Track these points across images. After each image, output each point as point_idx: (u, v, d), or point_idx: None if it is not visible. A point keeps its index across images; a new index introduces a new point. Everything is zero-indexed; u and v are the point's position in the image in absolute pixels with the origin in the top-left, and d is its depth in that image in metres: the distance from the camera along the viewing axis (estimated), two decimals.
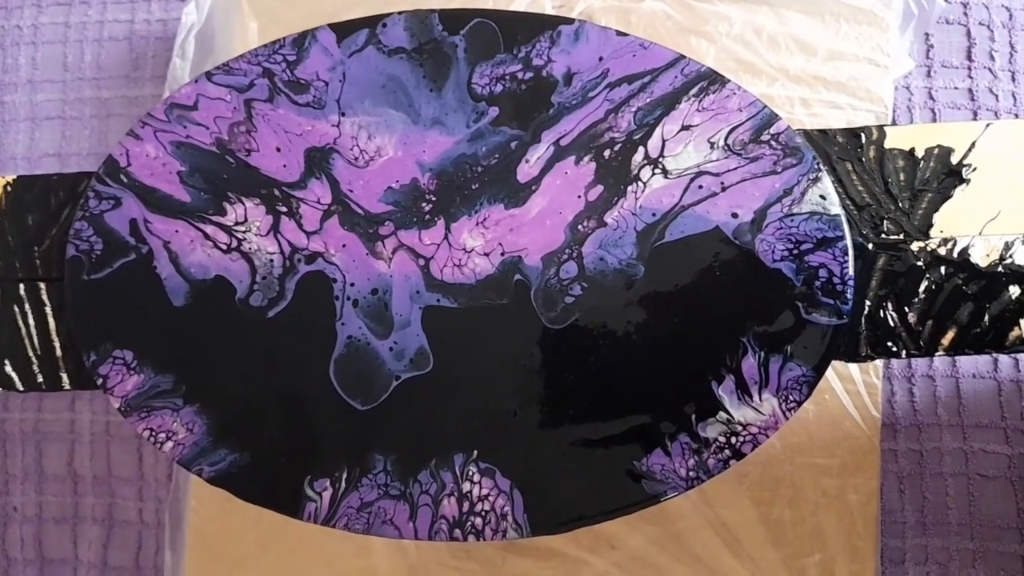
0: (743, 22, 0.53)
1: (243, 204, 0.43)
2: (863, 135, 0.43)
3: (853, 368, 0.52)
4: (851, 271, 0.40)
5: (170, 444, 0.42)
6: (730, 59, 0.54)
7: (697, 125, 0.41)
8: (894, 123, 0.59)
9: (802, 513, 0.52)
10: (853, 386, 0.51)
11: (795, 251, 0.40)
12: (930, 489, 0.58)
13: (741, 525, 0.51)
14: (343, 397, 0.42)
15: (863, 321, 0.42)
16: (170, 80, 0.57)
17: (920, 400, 0.57)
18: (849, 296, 0.39)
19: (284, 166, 0.43)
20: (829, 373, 0.50)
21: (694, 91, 0.41)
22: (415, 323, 0.42)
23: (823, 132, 0.43)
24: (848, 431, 0.51)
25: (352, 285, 0.42)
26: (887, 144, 0.43)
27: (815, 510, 0.51)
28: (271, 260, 0.43)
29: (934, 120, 0.61)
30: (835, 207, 0.40)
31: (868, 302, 0.42)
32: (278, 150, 0.43)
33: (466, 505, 0.41)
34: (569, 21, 0.42)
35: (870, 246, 0.42)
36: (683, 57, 0.41)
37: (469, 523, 0.41)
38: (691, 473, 0.40)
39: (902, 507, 0.58)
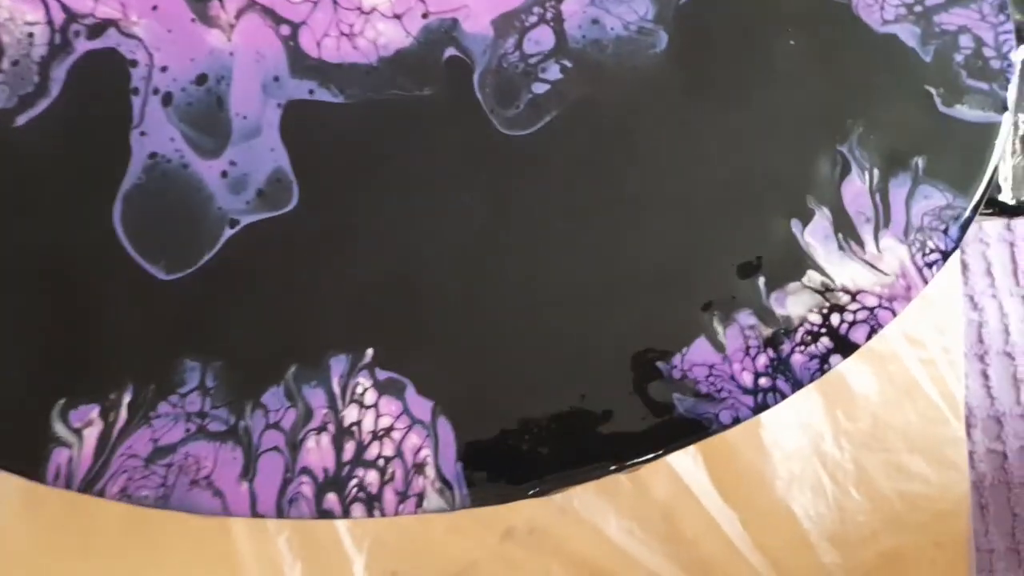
0: None
1: None
2: None
3: (925, 328, 0.37)
4: (1012, 39, 0.23)
5: None
6: None
7: None
8: None
9: (868, 531, 0.34)
10: (927, 353, 0.36)
11: (918, 8, 0.24)
12: (1022, 504, 0.42)
13: (786, 549, 0.33)
14: (134, 257, 0.23)
15: (1019, 147, 0.25)
16: None
17: (997, 385, 0.42)
18: (1011, 75, 0.23)
19: None
20: (894, 335, 0.36)
21: None
22: (269, 130, 0.24)
23: None
24: (924, 413, 0.36)
25: (164, 71, 0.25)
26: None
27: (886, 525, 0.35)
28: (30, 35, 0.25)
29: None
30: None
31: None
32: None
33: (350, 446, 0.22)
34: None
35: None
36: None
37: (355, 481, 0.22)
38: (762, 381, 0.22)
39: (986, 529, 0.41)
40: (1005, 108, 0.23)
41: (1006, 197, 0.25)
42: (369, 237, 0.24)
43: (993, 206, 0.25)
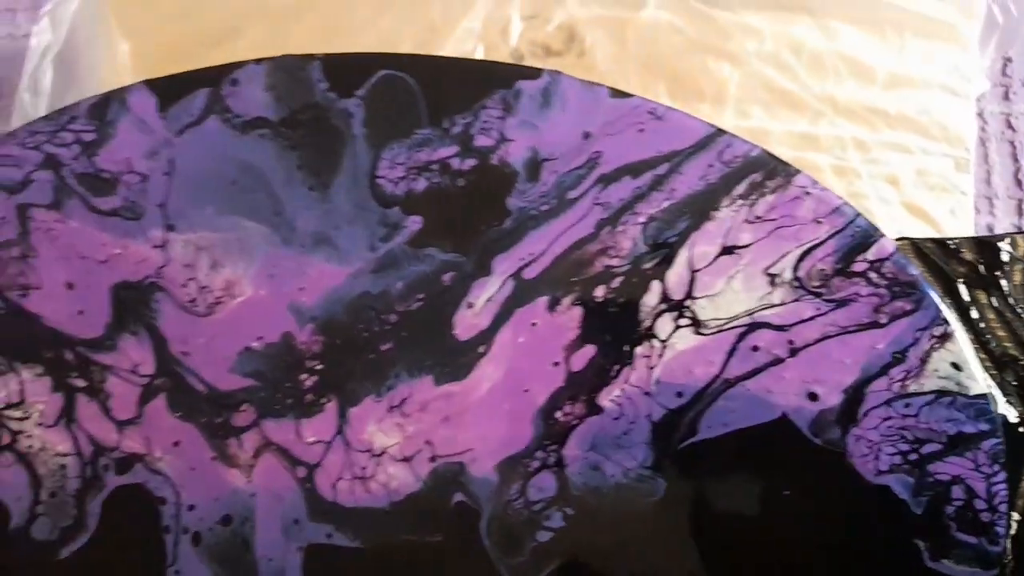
0: (777, 37, 0.40)
1: (18, 375, 0.27)
2: (1005, 246, 0.27)
3: None
4: (1005, 491, 0.24)
5: None
6: (760, 86, 0.40)
7: (747, 247, 0.25)
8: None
9: None
10: None
11: (913, 456, 0.24)
12: None
13: None
14: None
15: (1008, 548, 0.26)
16: (17, 124, 0.42)
17: None
18: (1002, 532, 0.24)
19: (80, 313, 0.27)
20: None
21: (741, 189, 0.25)
22: (293, 573, 0.26)
23: (940, 244, 0.27)
24: None
25: (191, 509, 0.26)
26: None
27: None
28: (62, 467, 0.27)
29: (1015, 157, 0.47)
30: (977, 382, 0.24)
31: (1019, 517, 0.26)
32: (71, 287, 0.27)
33: None
34: (534, 73, 0.26)
35: (1022, 428, 0.26)
36: (721, 133, 0.25)
37: None
38: None
39: None
40: (991, 565, 0.24)
41: None
42: None
43: None
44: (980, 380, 0.24)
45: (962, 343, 0.24)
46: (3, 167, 0.27)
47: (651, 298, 0.25)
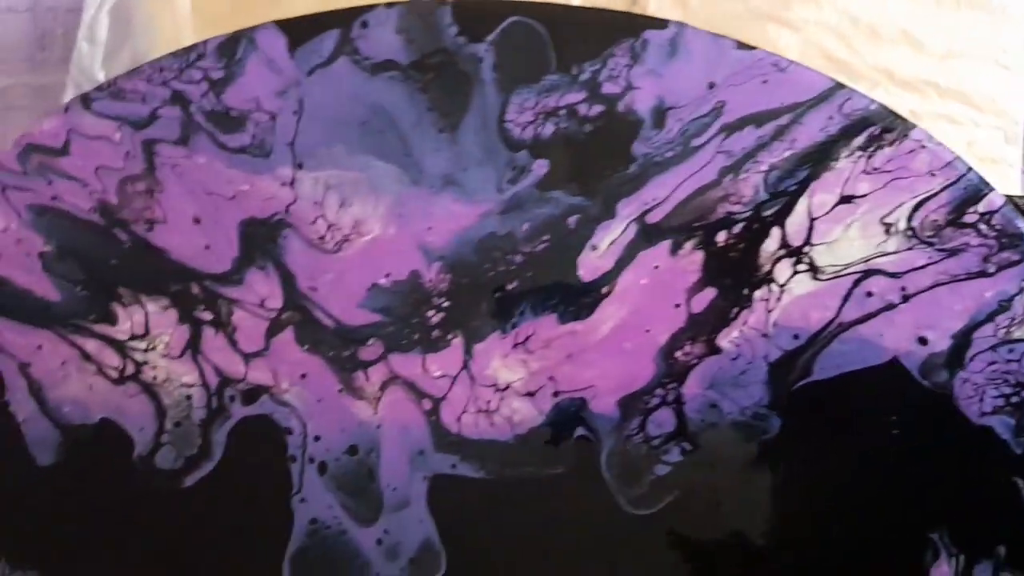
0: (836, 6, 0.41)
1: (143, 307, 0.27)
2: None
3: None
4: None
5: None
6: (818, 55, 0.41)
7: (864, 196, 0.26)
8: None
9: None
10: None
11: (1015, 399, 0.26)
12: None
13: None
14: None
15: None
16: (75, 73, 0.43)
17: None
18: None
19: (207, 248, 0.27)
20: None
21: (859, 141, 0.26)
22: (418, 502, 0.27)
23: None
24: None
25: (317, 440, 0.27)
26: None
27: None
28: (188, 397, 0.27)
29: None
30: None
31: None
32: (197, 222, 0.27)
33: None
34: (660, 24, 0.26)
35: None
36: (841, 87, 0.26)
37: None
38: None
39: None
40: None
41: None
42: None
43: None
44: None
45: None
46: (129, 102, 0.27)
47: (771, 244, 0.26)
